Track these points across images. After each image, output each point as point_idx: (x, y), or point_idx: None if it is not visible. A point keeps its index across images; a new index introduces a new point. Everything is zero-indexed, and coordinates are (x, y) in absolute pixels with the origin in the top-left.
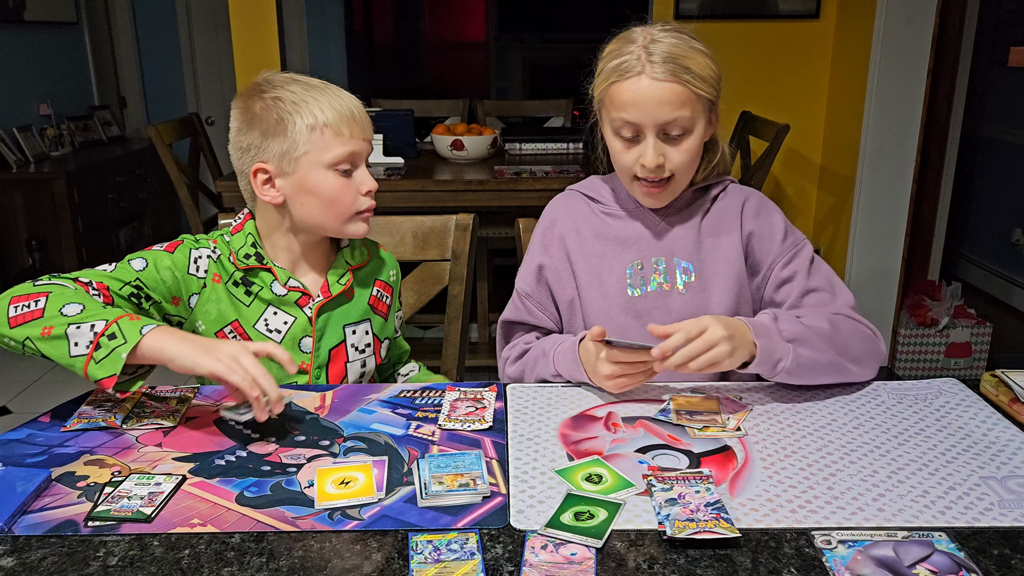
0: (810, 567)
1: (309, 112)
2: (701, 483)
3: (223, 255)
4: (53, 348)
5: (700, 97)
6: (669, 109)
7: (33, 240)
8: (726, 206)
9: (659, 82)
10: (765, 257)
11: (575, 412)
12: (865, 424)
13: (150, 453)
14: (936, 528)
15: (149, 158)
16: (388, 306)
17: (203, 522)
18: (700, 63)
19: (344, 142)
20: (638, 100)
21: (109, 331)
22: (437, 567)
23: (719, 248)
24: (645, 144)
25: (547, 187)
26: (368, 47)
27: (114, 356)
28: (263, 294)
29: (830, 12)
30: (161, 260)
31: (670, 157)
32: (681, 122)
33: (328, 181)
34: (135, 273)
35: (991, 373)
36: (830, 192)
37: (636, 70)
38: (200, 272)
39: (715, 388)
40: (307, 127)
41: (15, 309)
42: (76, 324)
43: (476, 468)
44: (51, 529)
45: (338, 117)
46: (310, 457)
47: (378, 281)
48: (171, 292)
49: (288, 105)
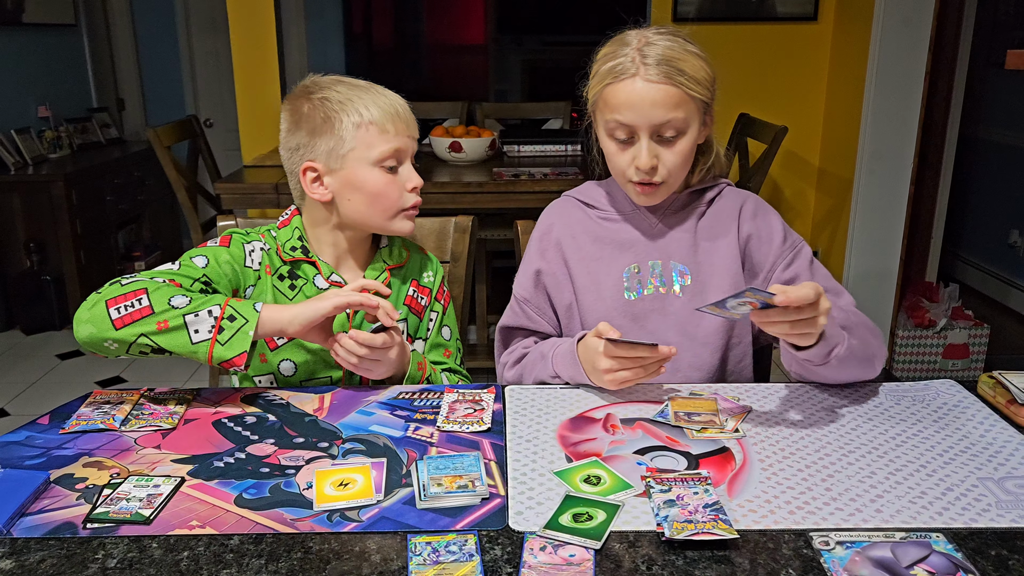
0: (808, 568)
1: (355, 110)
2: (699, 484)
3: (272, 248)
4: (172, 339)
5: (694, 99)
6: (663, 111)
7: (32, 242)
8: (722, 208)
9: (653, 84)
10: (765, 259)
11: (574, 414)
12: (863, 425)
13: (149, 455)
14: (934, 529)
15: (148, 160)
16: (424, 307)
17: (202, 524)
18: (694, 65)
19: (389, 139)
20: (632, 102)
21: (227, 314)
22: (436, 568)
23: (715, 251)
24: (639, 146)
25: (546, 189)
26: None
27: (241, 335)
28: (306, 289)
29: (828, 14)
30: (220, 255)
31: (664, 159)
32: (675, 124)
33: (374, 177)
34: (200, 270)
35: (988, 375)
36: (828, 194)
37: (630, 72)
38: (255, 264)
39: (713, 389)
40: (353, 124)
41: (117, 311)
42: (193, 312)
43: (475, 470)
44: (50, 531)
45: (383, 114)
46: (309, 459)
47: (414, 281)
48: (232, 284)
49: (335, 104)
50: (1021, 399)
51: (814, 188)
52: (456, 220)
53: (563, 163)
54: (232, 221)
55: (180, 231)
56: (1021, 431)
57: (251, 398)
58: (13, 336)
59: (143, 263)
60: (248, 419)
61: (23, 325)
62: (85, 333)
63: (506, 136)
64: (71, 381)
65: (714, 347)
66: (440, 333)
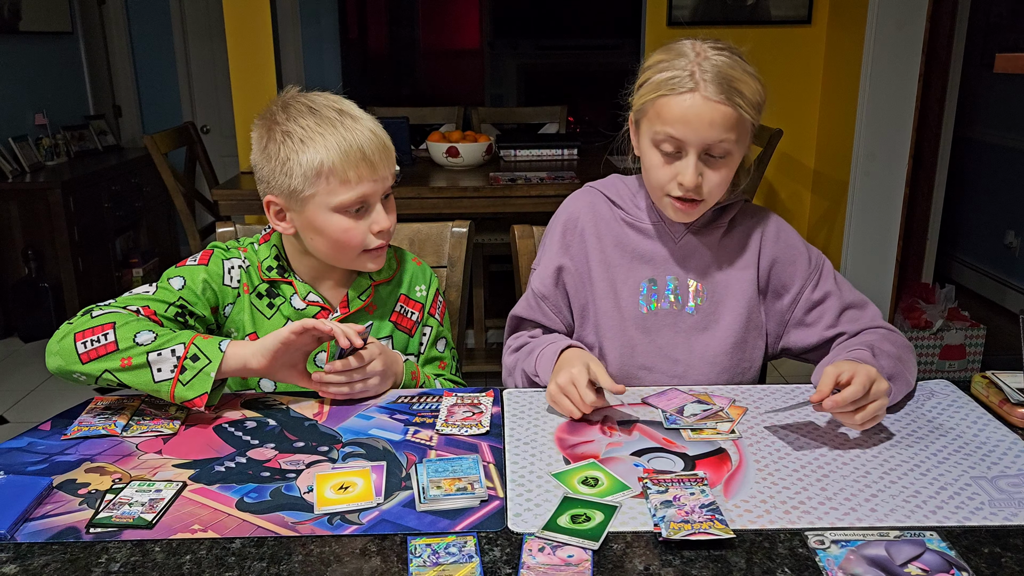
0: (803, 567)
1: (316, 153)
2: (696, 485)
3: (251, 265)
4: (135, 377)
5: (746, 122)
6: (718, 131)
7: (29, 250)
8: (744, 229)
9: (712, 102)
10: (791, 281)
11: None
12: None
13: (150, 460)
14: (928, 528)
15: (145, 167)
16: (415, 323)
17: (204, 528)
18: (751, 87)
19: (351, 187)
20: (689, 117)
21: (191, 353)
22: (436, 570)
23: (733, 272)
24: (686, 162)
25: (542, 193)
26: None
27: (202, 376)
28: (284, 308)
29: (822, 18)
30: (197, 275)
31: (708, 178)
32: (726, 145)
33: (334, 222)
34: (176, 293)
35: (982, 375)
36: (823, 196)
37: (688, 86)
38: (234, 282)
39: (709, 391)
40: (313, 171)
41: (83, 345)
42: (156, 351)
43: (473, 472)
44: (53, 536)
45: (344, 161)
46: (309, 463)
47: (403, 296)
48: (211, 303)
49: (296, 143)
50: (1014, 399)
51: (809, 190)
52: (453, 224)
53: (559, 167)
54: (231, 228)
55: (177, 238)
56: (1014, 430)
57: (251, 403)
58: (11, 344)
59: (140, 270)
60: (248, 424)
61: (22, 332)
62: (54, 365)
63: (502, 141)
64: (70, 388)
65: (722, 368)
66: (435, 346)
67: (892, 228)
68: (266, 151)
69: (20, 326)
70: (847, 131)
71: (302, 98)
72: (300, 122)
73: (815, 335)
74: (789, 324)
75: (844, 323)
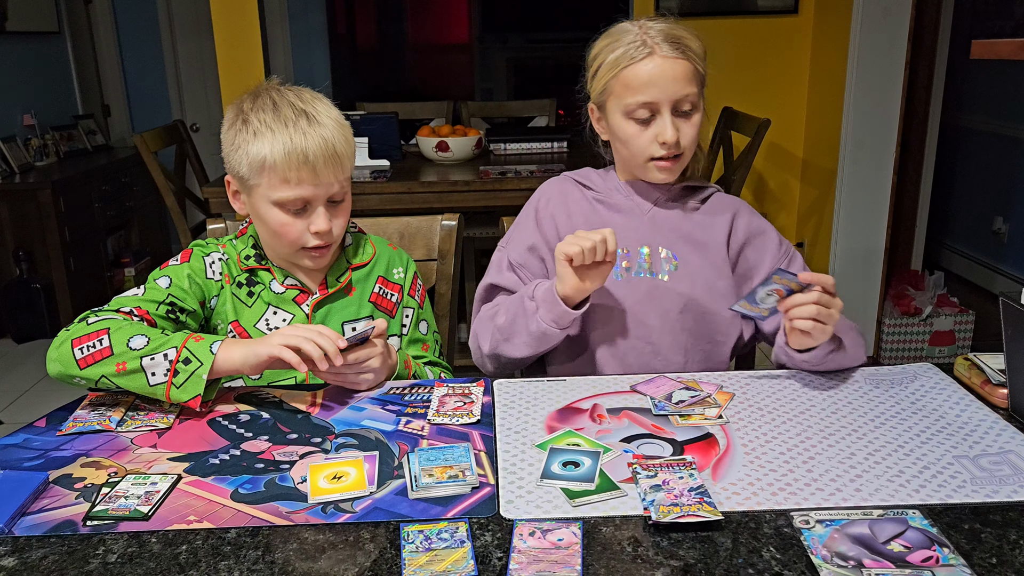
0: (788, 546)
1: (262, 147)
2: (684, 469)
3: (231, 258)
4: (131, 381)
5: (699, 74)
6: (682, 84)
7: (20, 251)
8: (715, 210)
9: (671, 59)
10: (760, 261)
11: (561, 405)
12: (843, 409)
13: (145, 454)
14: (911, 506)
15: (135, 166)
16: (395, 304)
17: (199, 519)
18: (696, 42)
19: (291, 187)
20: (655, 78)
21: (183, 356)
22: (428, 555)
23: (706, 243)
24: (662, 121)
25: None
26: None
27: (195, 378)
28: (264, 295)
29: (808, 7)
30: (181, 272)
31: (684, 132)
32: (691, 98)
33: (273, 215)
34: (165, 291)
35: (964, 357)
36: (812, 185)
37: (644, 53)
38: (216, 275)
39: (696, 378)
40: (258, 162)
41: (81, 351)
42: (149, 356)
43: (465, 460)
44: (51, 529)
45: (287, 162)
46: (302, 454)
47: (381, 278)
48: (199, 297)
49: (249, 134)
50: (995, 380)
51: (798, 179)
52: (443, 218)
53: (549, 160)
54: (221, 224)
55: (169, 236)
56: (995, 410)
57: (244, 397)
58: (5, 345)
59: (132, 269)
60: (242, 417)
61: (14, 334)
62: (55, 371)
63: (492, 135)
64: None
65: (695, 336)
66: (417, 328)
67: (881, 216)
68: (228, 132)
69: (12, 327)
70: (835, 120)
71: (274, 91)
72: (259, 114)
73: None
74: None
75: None
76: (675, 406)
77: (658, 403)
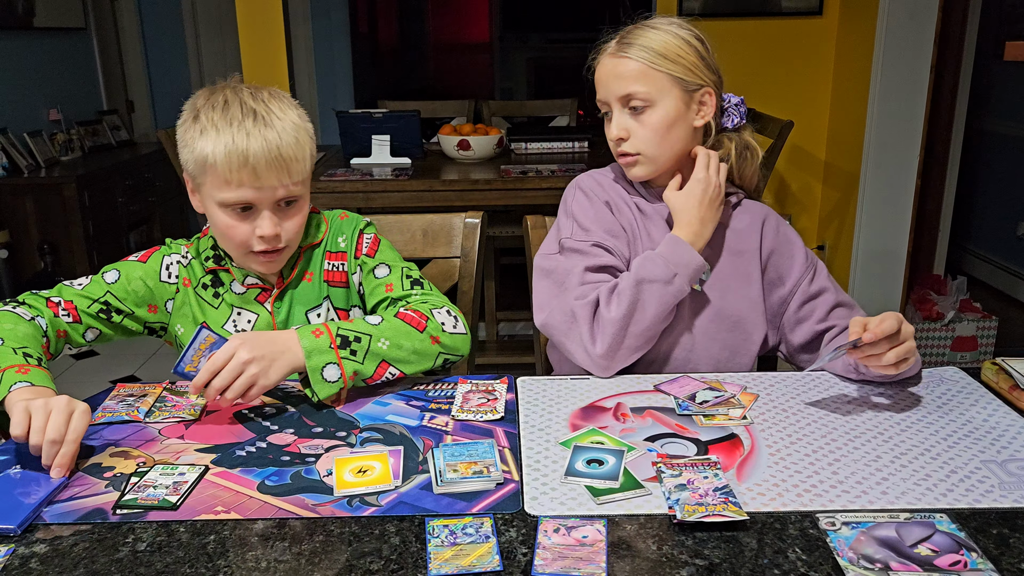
0: (814, 547)
1: (205, 146)
2: (709, 469)
3: (196, 259)
4: None
5: (662, 74)
6: (624, 82)
7: (45, 244)
8: (744, 218)
9: (613, 57)
10: (788, 272)
11: (585, 403)
12: (868, 411)
13: (173, 445)
14: (938, 510)
15: (158, 161)
16: (346, 273)
17: (227, 509)
18: (664, 42)
19: (232, 188)
20: (601, 77)
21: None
22: (453, 550)
23: (739, 253)
24: (614, 116)
25: (553, 186)
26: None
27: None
28: (227, 296)
29: (833, 9)
30: (133, 271)
31: (634, 131)
32: (640, 96)
33: (219, 216)
34: (106, 287)
35: (991, 361)
36: (835, 188)
37: (601, 52)
38: (172, 278)
39: (721, 379)
40: (202, 160)
41: None
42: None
43: (489, 456)
44: (81, 517)
45: (227, 163)
46: (328, 448)
47: (328, 253)
48: (145, 300)
49: (197, 131)
50: (1023, 384)
51: (820, 182)
52: (466, 215)
53: (570, 160)
54: None
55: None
56: (1023, 415)
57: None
58: None
59: None
60: (268, 410)
61: None
62: None
63: (513, 134)
64: (86, 381)
65: (723, 343)
66: (373, 276)
67: (904, 219)
68: (181, 127)
69: None
70: (858, 123)
71: (229, 90)
72: (208, 112)
73: (807, 329)
74: (785, 316)
75: (834, 319)
76: (699, 406)
77: (682, 403)
